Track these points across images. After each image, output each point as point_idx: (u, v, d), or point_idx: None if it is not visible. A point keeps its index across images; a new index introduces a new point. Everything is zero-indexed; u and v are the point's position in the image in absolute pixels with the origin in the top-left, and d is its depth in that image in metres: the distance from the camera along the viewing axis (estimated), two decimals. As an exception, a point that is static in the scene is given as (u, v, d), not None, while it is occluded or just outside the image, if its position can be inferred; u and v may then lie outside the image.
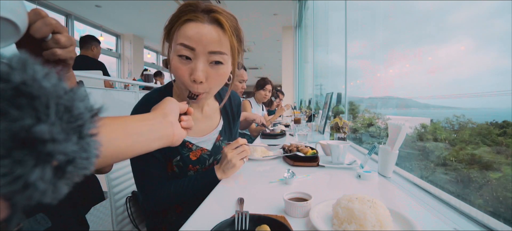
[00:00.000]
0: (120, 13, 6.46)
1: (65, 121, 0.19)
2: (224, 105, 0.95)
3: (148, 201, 0.82)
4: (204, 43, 0.66)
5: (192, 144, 0.86)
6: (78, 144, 0.20)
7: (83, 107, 0.21)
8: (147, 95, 0.87)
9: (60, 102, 0.19)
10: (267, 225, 0.50)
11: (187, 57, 0.67)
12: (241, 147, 0.85)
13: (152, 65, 9.67)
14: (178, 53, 0.67)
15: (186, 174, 0.87)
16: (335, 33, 2.54)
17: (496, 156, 0.69)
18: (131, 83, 4.21)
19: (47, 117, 0.18)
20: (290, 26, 6.96)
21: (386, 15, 1.53)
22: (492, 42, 0.76)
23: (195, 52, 0.66)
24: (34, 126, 0.17)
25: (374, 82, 1.75)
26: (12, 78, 0.17)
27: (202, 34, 0.66)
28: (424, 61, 1.12)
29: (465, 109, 0.88)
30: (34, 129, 0.17)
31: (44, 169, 0.18)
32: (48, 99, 0.18)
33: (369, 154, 0.97)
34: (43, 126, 0.18)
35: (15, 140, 0.17)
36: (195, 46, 0.66)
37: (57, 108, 0.19)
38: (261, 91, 2.86)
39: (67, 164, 0.19)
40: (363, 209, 0.48)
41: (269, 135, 1.96)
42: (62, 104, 0.19)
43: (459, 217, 0.63)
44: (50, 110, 0.18)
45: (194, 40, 0.66)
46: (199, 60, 0.67)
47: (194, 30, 0.66)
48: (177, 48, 0.67)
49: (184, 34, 0.66)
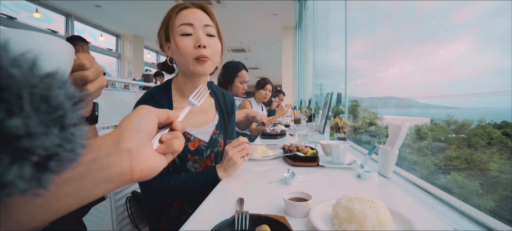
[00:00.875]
0: (120, 13, 6.46)
1: (42, 112, 0.17)
2: (219, 102, 1.01)
3: (148, 191, 0.83)
4: (199, 19, 0.83)
5: (190, 135, 0.89)
6: (59, 137, 0.18)
7: (63, 95, 0.18)
8: (151, 90, 0.90)
9: (35, 91, 0.17)
10: (267, 225, 0.50)
11: (188, 34, 0.81)
12: (242, 145, 0.86)
13: (152, 65, 9.67)
14: (180, 32, 0.81)
15: (185, 165, 0.89)
16: (335, 33, 2.54)
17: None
18: (131, 83, 4.21)
19: (21, 110, 0.16)
20: (290, 26, 6.96)
21: (386, 14, 1.53)
22: (495, 41, 0.76)
23: (194, 27, 0.82)
24: (5, 120, 0.15)
25: (374, 82, 1.75)
26: None
27: (195, 13, 0.83)
28: (424, 60, 1.12)
29: (465, 109, 0.88)
30: (5, 123, 0.15)
31: (22, 166, 0.17)
32: (20, 89, 0.16)
33: (369, 154, 0.97)
34: (16, 119, 0.16)
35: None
36: (193, 22, 0.82)
37: (32, 98, 0.17)
38: (261, 91, 2.86)
39: (49, 159, 0.18)
40: (363, 209, 0.48)
41: (269, 135, 1.97)
42: (38, 93, 0.17)
43: (459, 217, 0.63)
44: (23, 101, 0.16)
45: (191, 18, 0.82)
46: (199, 31, 0.82)
47: (189, 13, 0.83)
48: (178, 29, 0.81)
49: (182, 17, 0.82)
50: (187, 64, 0.82)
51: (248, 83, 2.35)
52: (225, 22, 6.66)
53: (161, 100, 0.87)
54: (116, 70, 8.19)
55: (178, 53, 0.82)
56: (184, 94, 0.91)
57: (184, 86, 0.90)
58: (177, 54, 0.82)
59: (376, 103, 1.77)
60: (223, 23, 6.98)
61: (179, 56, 0.82)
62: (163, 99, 0.88)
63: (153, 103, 0.85)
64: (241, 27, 7.16)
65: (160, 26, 0.88)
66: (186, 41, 0.80)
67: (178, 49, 0.81)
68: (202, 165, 0.94)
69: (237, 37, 8.00)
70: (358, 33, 1.96)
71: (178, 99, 0.91)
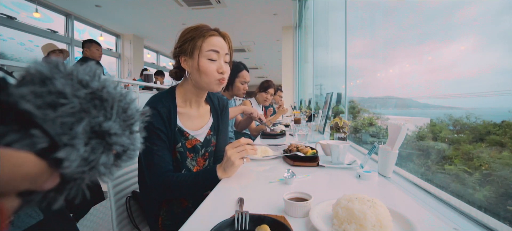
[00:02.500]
0: (120, 13, 6.46)
1: (122, 119, 0.25)
2: (214, 107, 1.12)
3: (155, 177, 0.87)
4: (223, 47, 0.95)
5: (189, 134, 0.99)
6: (129, 138, 0.26)
7: (134, 109, 0.27)
8: (159, 94, 0.98)
9: (120, 104, 0.25)
10: (267, 225, 0.50)
11: (214, 60, 0.93)
12: (242, 146, 0.87)
13: (152, 65, 9.67)
14: (208, 57, 0.92)
15: (185, 161, 0.97)
16: (335, 33, 2.54)
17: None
18: (131, 83, 4.21)
19: (111, 116, 0.24)
20: (290, 26, 6.96)
21: (386, 14, 1.53)
22: (497, 40, 0.75)
23: (219, 54, 0.94)
24: (104, 122, 0.23)
25: (374, 81, 1.75)
26: (92, 85, 0.24)
27: (221, 42, 0.96)
28: (424, 60, 1.12)
29: (466, 109, 0.88)
30: (104, 124, 0.23)
31: (108, 155, 0.24)
32: (113, 102, 0.25)
33: (369, 154, 0.97)
34: (110, 122, 0.24)
35: (92, 132, 0.23)
36: (219, 50, 0.94)
37: (118, 109, 0.25)
38: (263, 94, 2.85)
39: (123, 153, 0.25)
40: (363, 209, 0.48)
41: (269, 135, 1.97)
42: (121, 106, 0.25)
43: (459, 217, 0.63)
44: (113, 110, 0.24)
45: (218, 46, 0.94)
46: (222, 60, 0.95)
47: (217, 40, 0.95)
48: (206, 53, 0.92)
49: (211, 43, 0.93)
50: (209, 83, 0.95)
51: (250, 83, 2.35)
52: (225, 22, 6.66)
53: (168, 103, 0.95)
54: (116, 70, 8.18)
55: (200, 72, 0.93)
56: (187, 100, 1.01)
57: (190, 94, 1.00)
58: (199, 72, 0.93)
59: (376, 103, 1.77)
60: (223, 23, 6.97)
61: (203, 75, 0.93)
62: (169, 103, 0.95)
63: (160, 105, 0.92)
64: (241, 27, 7.16)
65: (183, 40, 0.94)
66: (212, 66, 0.93)
67: (202, 70, 0.92)
68: (198, 163, 1.02)
69: (237, 37, 8.00)
70: (359, 33, 1.96)
71: (181, 104, 0.99)
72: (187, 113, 0.99)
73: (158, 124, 0.89)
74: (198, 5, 5.66)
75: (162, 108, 0.91)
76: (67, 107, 0.22)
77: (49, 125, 0.21)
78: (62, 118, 0.21)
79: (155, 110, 0.89)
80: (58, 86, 0.22)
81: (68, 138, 0.21)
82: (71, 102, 0.22)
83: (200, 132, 1.02)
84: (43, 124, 0.21)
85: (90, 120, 0.22)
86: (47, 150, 0.21)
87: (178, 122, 0.95)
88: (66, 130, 0.21)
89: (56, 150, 0.21)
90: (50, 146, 0.21)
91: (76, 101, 0.22)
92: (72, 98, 0.22)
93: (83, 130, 0.22)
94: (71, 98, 0.22)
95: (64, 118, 0.21)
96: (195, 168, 1.00)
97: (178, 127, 0.95)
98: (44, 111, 0.21)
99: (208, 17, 6.30)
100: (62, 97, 0.22)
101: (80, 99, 0.22)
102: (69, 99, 0.22)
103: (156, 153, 0.88)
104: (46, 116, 0.21)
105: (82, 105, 0.22)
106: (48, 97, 0.21)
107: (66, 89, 0.22)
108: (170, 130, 0.92)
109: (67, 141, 0.21)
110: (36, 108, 0.21)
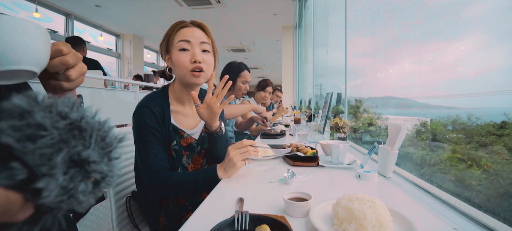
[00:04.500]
0: (120, 13, 6.45)
1: (100, 147, 0.25)
2: None
3: (151, 176, 0.86)
4: (196, 37, 0.93)
5: (184, 132, 0.98)
6: (108, 165, 0.26)
7: (113, 136, 0.27)
8: (152, 94, 0.97)
9: (99, 133, 0.25)
10: (267, 225, 0.50)
11: (185, 49, 0.91)
12: (245, 148, 0.87)
13: (152, 65, 9.67)
14: (178, 48, 0.91)
15: (181, 159, 0.97)
16: (335, 33, 2.54)
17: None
18: (131, 83, 4.21)
19: (90, 144, 0.24)
20: (290, 26, 6.95)
21: (387, 13, 1.53)
22: (500, 39, 0.74)
23: (191, 44, 0.92)
24: (83, 151, 0.24)
25: (374, 81, 1.75)
26: (71, 116, 0.24)
27: (193, 32, 0.94)
28: (424, 60, 1.12)
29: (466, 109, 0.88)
30: (82, 153, 0.24)
31: (86, 183, 0.24)
32: (92, 131, 0.25)
33: (369, 154, 0.97)
34: (89, 150, 0.24)
35: (71, 161, 0.23)
36: (190, 39, 0.92)
37: (96, 137, 0.25)
38: (262, 93, 2.86)
39: (102, 180, 0.26)
40: (363, 209, 0.48)
41: (269, 135, 1.96)
42: (100, 134, 0.26)
43: (459, 217, 0.63)
44: (92, 139, 0.25)
45: (189, 36, 0.92)
46: (195, 48, 0.92)
47: (188, 31, 0.93)
48: (177, 45, 0.91)
49: (181, 34, 0.92)
50: (184, 76, 0.92)
51: (250, 83, 2.35)
52: (225, 22, 6.65)
53: (161, 102, 0.95)
54: (116, 70, 8.18)
55: (174, 66, 0.93)
56: (179, 99, 1.00)
57: (180, 93, 0.99)
58: (175, 66, 0.93)
59: (376, 103, 1.77)
60: (223, 23, 6.93)
61: (177, 68, 0.93)
62: (162, 102, 0.95)
63: (153, 104, 0.92)
64: (241, 27, 7.15)
65: (162, 39, 0.98)
66: (183, 56, 0.91)
67: (174, 62, 0.92)
68: (194, 161, 1.01)
69: (237, 37, 7.99)
70: (359, 32, 1.96)
71: (174, 103, 1.00)
72: (181, 112, 0.99)
73: (152, 123, 0.89)
74: (198, 5, 5.66)
75: (155, 107, 0.91)
76: (47, 139, 0.22)
77: (29, 157, 0.21)
78: (42, 149, 0.22)
79: (148, 109, 0.89)
80: (37, 118, 0.22)
81: (47, 169, 0.22)
82: (51, 134, 0.22)
83: (195, 131, 1.02)
84: (23, 157, 0.21)
85: (69, 150, 0.23)
86: (24, 181, 0.21)
87: (172, 121, 0.95)
88: (45, 161, 0.22)
89: (35, 181, 0.22)
90: (29, 177, 0.22)
91: (55, 132, 0.23)
92: (51, 129, 0.22)
93: (62, 159, 0.22)
94: (51, 129, 0.22)
95: (43, 150, 0.22)
96: (191, 166, 1.00)
97: (172, 125, 0.95)
98: (24, 144, 0.21)
99: (208, 17, 6.30)
100: (42, 129, 0.22)
101: (59, 130, 0.23)
102: (48, 131, 0.22)
103: (152, 151, 0.88)
104: (26, 148, 0.21)
105: (61, 136, 0.23)
106: (28, 130, 0.22)
107: (46, 122, 0.22)
108: (164, 128, 0.92)
109: (46, 171, 0.22)
110: (16, 141, 0.21)
